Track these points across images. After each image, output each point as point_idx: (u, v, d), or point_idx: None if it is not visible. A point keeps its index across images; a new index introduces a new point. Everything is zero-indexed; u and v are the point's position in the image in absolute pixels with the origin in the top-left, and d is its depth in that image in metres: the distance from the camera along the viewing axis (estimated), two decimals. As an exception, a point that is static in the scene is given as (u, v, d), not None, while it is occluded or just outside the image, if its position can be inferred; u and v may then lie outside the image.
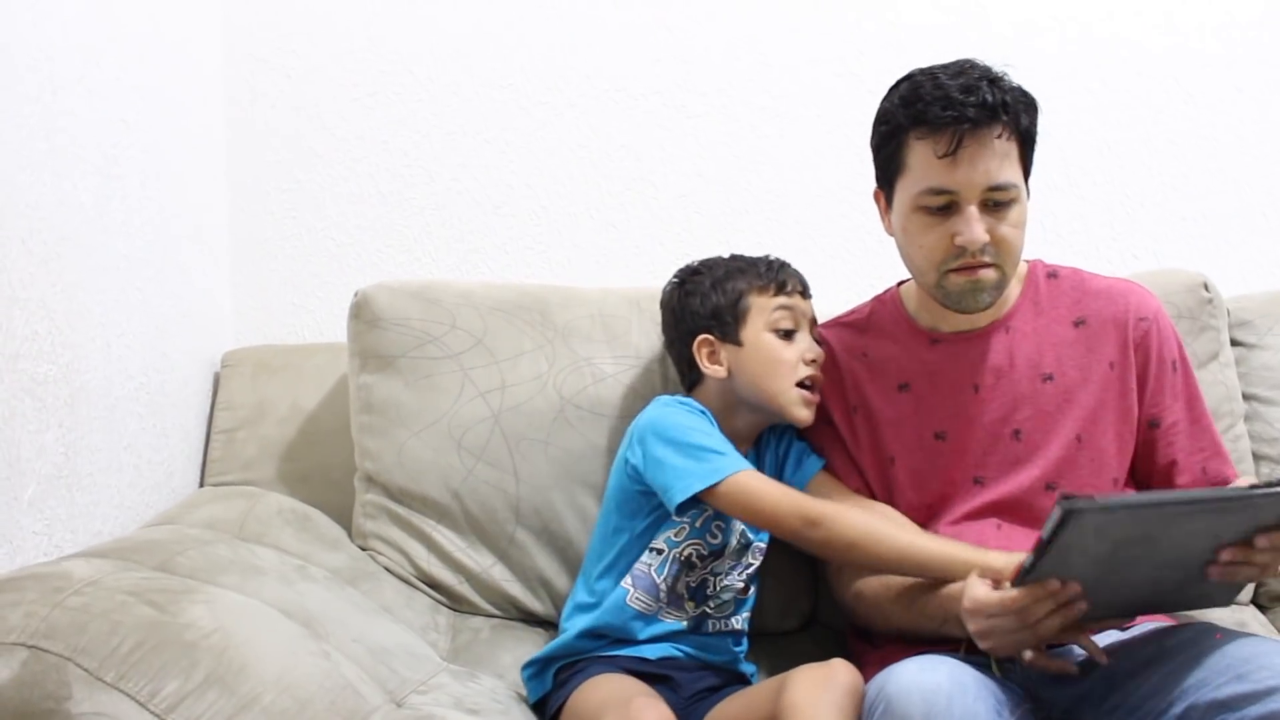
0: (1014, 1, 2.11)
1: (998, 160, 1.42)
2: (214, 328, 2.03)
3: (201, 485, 1.91)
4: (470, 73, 2.08)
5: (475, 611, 1.76)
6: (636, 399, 1.76)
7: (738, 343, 1.59)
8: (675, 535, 1.57)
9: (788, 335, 1.59)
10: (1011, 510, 1.52)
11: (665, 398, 1.61)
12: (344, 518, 1.82)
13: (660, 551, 1.57)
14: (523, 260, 2.10)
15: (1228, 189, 2.13)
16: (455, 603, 1.76)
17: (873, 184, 1.56)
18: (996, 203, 1.43)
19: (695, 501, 1.50)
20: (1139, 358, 1.53)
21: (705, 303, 1.61)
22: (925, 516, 1.55)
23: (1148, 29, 2.12)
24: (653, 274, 1.77)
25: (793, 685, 1.32)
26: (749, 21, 2.10)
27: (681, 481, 1.48)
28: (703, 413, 1.58)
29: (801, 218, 2.12)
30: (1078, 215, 2.09)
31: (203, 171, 2.01)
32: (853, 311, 1.69)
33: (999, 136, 1.41)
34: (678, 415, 1.55)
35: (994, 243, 1.44)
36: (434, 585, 1.76)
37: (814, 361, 1.58)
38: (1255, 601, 1.81)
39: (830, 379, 1.62)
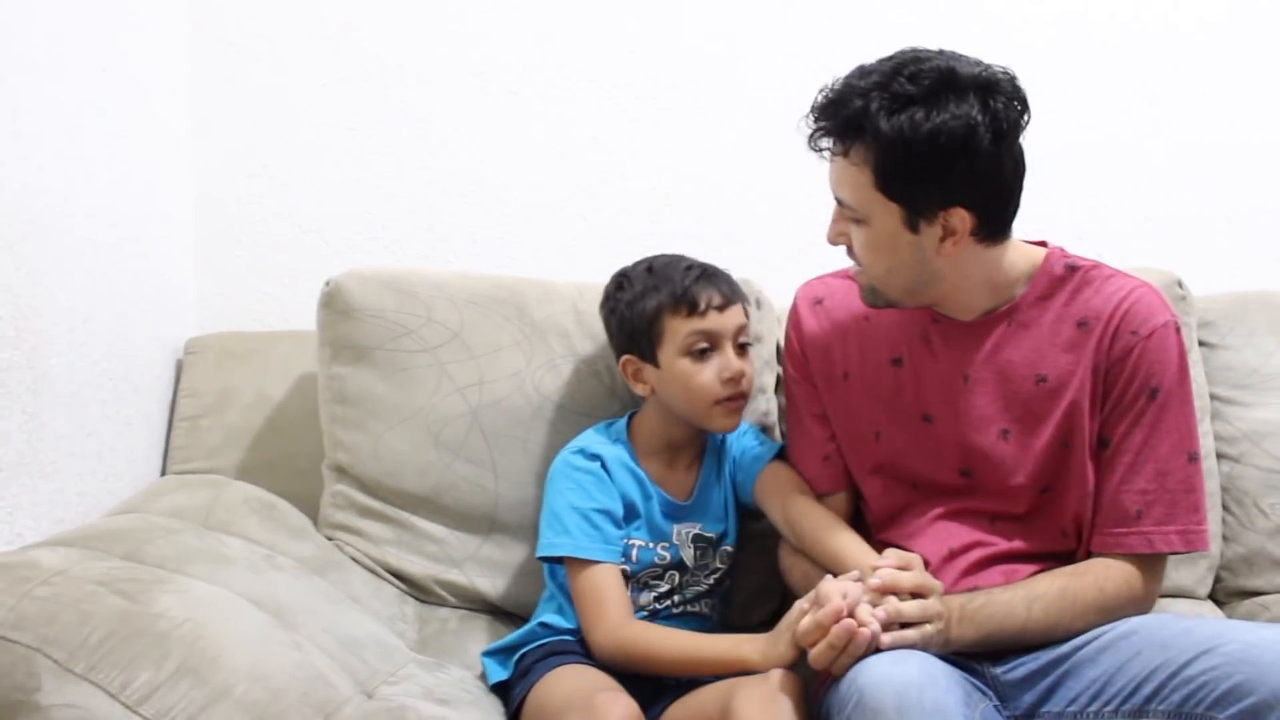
0: None
1: (835, 175, 1.41)
2: (177, 314, 2.01)
3: (164, 473, 1.89)
4: (440, 60, 2.07)
5: (441, 603, 1.75)
6: (613, 399, 1.77)
7: (656, 364, 1.61)
8: (623, 558, 1.59)
9: (703, 354, 1.58)
10: (1004, 512, 1.49)
11: (568, 450, 1.63)
12: (309, 507, 1.80)
13: (624, 575, 1.58)
14: (491, 250, 2.09)
15: (1192, 189, 2.15)
16: (422, 594, 1.75)
17: None
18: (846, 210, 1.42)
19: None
20: (1114, 371, 1.42)
21: (624, 325, 1.63)
22: (910, 498, 1.53)
23: (1114, 30, 2.14)
24: (621, 264, 1.75)
25: (740, 707, 1.30)
26: (721, 15, 2.10)
27: (540, 540, 1.59)
28: (589, 473, 1.59)
29: (771, 211, 2.12)
30: (1046, 214, 2.11)
31: (167, 156, 1.98)
32: None
33: (842, 155, 1.38)
34: (560, 479, 1.60)
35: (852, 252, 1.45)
36: (401, 577, 1.75)
37: (733, 379, 1.57)
38: (1212, 596, 1.84)
39: (821, 342, 1.59)
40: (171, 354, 1.96)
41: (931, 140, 1.31)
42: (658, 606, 1.61)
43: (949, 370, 1.50)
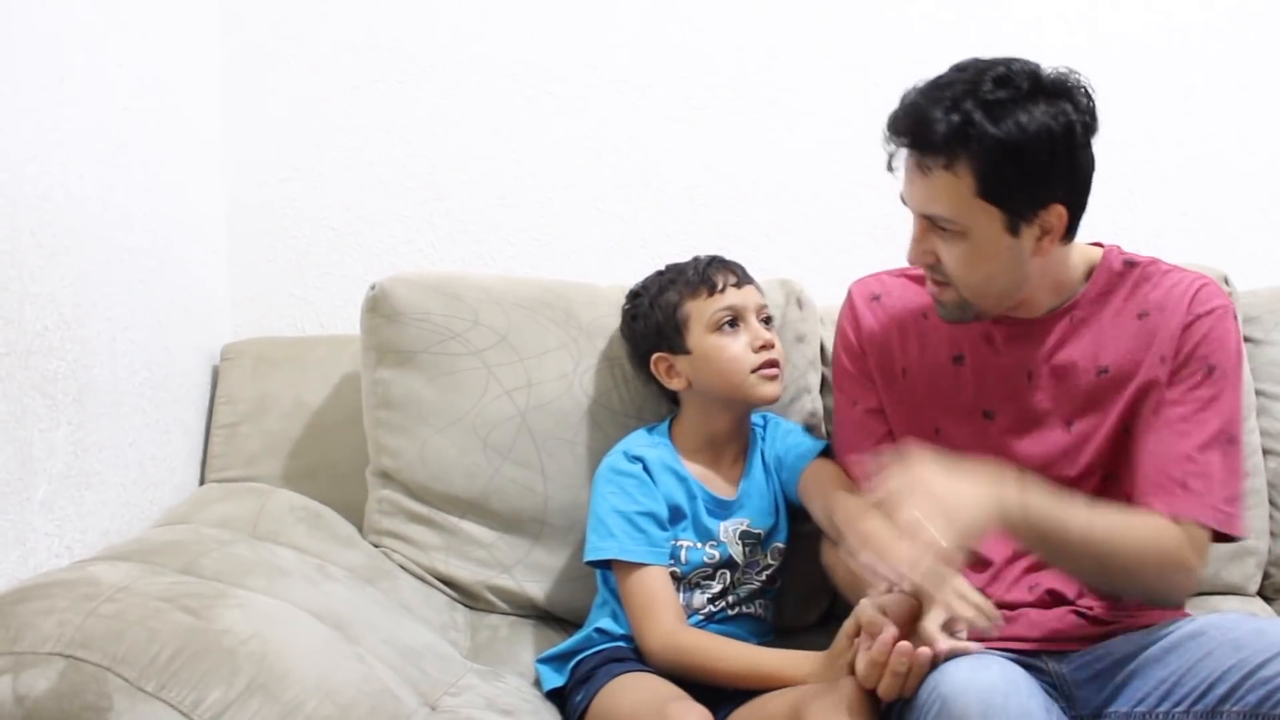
0: (1019, -2, 2.11)
1: (926, 192, 1.38)
2: (212, 320, 1.99)
3: (202, 481, 1.87)
4: (473, 62, 2.05)
5: (492, 609, 1.74)
6: (661, 401, 1.75)
7: (687, 351, 1.62)
8: (672, 560, 1.59)
9: (731, 327, 1.60)
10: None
11: (612, 454, 1.64)
12: (352, 514, 1.78)
13: (675, 578, 1.58)
14: (527, 252, 2.08)
15: (1229, 184, 2.14)
16: (472, 601, 1.74)
17: (879, 175, 1.52)
18: (938, 226, 1.40)
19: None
20: (1176, 348, 1.44)
21: (648, 323, 1.65)
22: None
23: (1150, 25, 2.13)
24: (659, 267, 1.74)
25: (812, 717, 1.28)
26: (756, 13, 2.08)
27: (587, 545, 1.58)
28: (631, 476, 1.58)
29: (808, 211, 2.11)
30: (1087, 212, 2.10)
31: (200, 161, 1.96)
32: None
33: (942, 168, 1.36)
34: (603, 483, 1.60)
35: (940, 263, 1.42)
36: (450, 584, 1.73)
37: (765, 346, 1.60)
38: (1260, 593, 1.83)
39: (881, 337, 1.60)
40: (208, 360, 1.94)
41: (1038, 140, 1.33)
42: (712, 609, 1.60)
43: (1013, 367, 1.50)
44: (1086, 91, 1.38)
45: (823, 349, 1.86)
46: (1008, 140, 1.32)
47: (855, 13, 2.09)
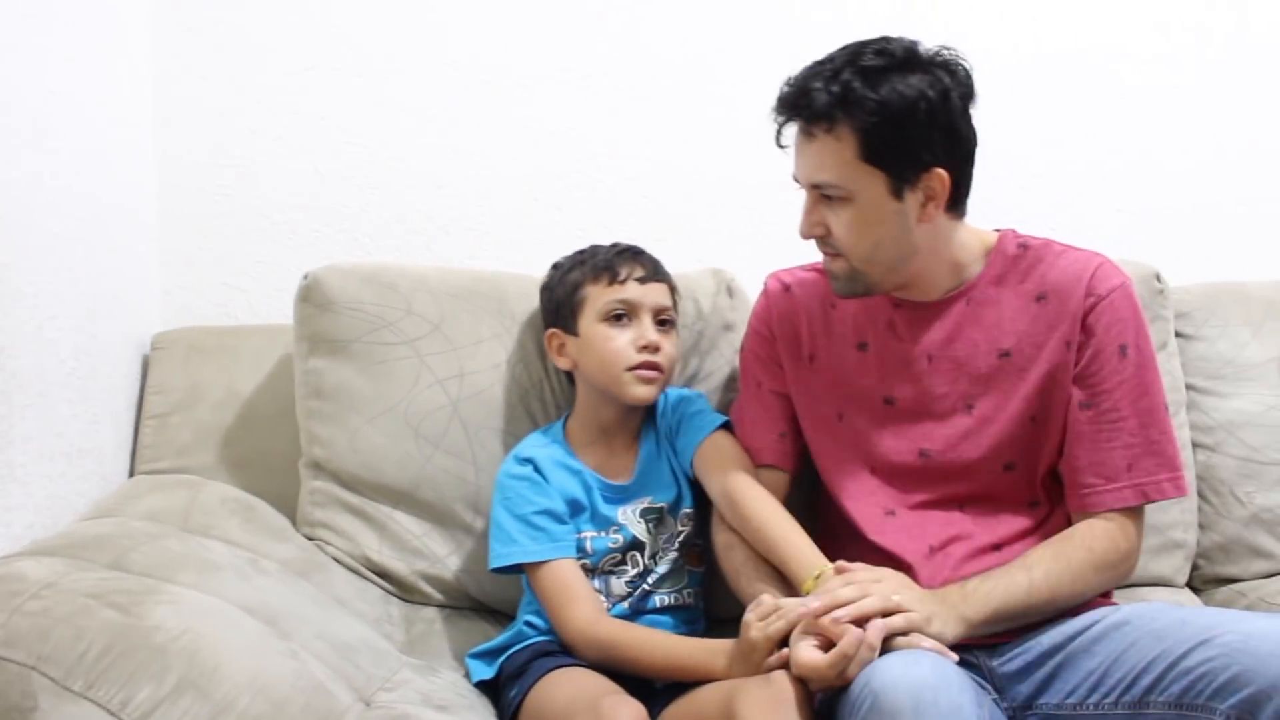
0: (958, -3, 2.12)
1: (813, 160, 1.44)
2: (143, 308, 1.95)
3: (132, 473, 1.83)
4: (412, 49, 2.02)
5: (427, 601, 1.73)
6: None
7: (576, 334, 1.63)
8: (579, 552, 1.59)
9: (618, 320, 1.61)
10: (971, 495, 1.52)
11: (505, 460, 1.65)
12: (285, 506, 1.76)
13: (586, 569, 1.59)
14: (465, 242, 2.06)
15: (1163, 184, 2.17)
16: (406, 593, 1.72)
17: None
18: (825, 195, 1.45)
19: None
20: (1083, 334, 1.48)
21: (552, 297, 1.67)
22: (873, 489, 1.55)
23: (1086, 25, 2.15)
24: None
25: (743, 710, 1.27)
26: (698, 5, 2.07)
27: (491, 552, 1.59)
28: (523, 478, 1.60)
29: (746, 203, 2.11)
30: (1016, 205, 2.12)
31: (131, 146, 1.92)
32: None
33: (825, 132, 1.42)
34: (498, 491, 1.62)
35: (830, 234, 1.47)
36: (385, 575, 1.72)
37: (648, 347, 1.60)
38: (1189, 584, 1.87)
39: (790, 323, 1.63)
40: (138, 350, 1.90)
41: (915, 104, 1.39)
42: (630, 591, 1.60)
43: (912, 352, 1.54)
44: (964, 68, 1.45)
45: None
46: (885, 102, 1.38)
47: (797, 6, 2.09)
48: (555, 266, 1.71)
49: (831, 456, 1.59)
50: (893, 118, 1.38)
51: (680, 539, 1.64)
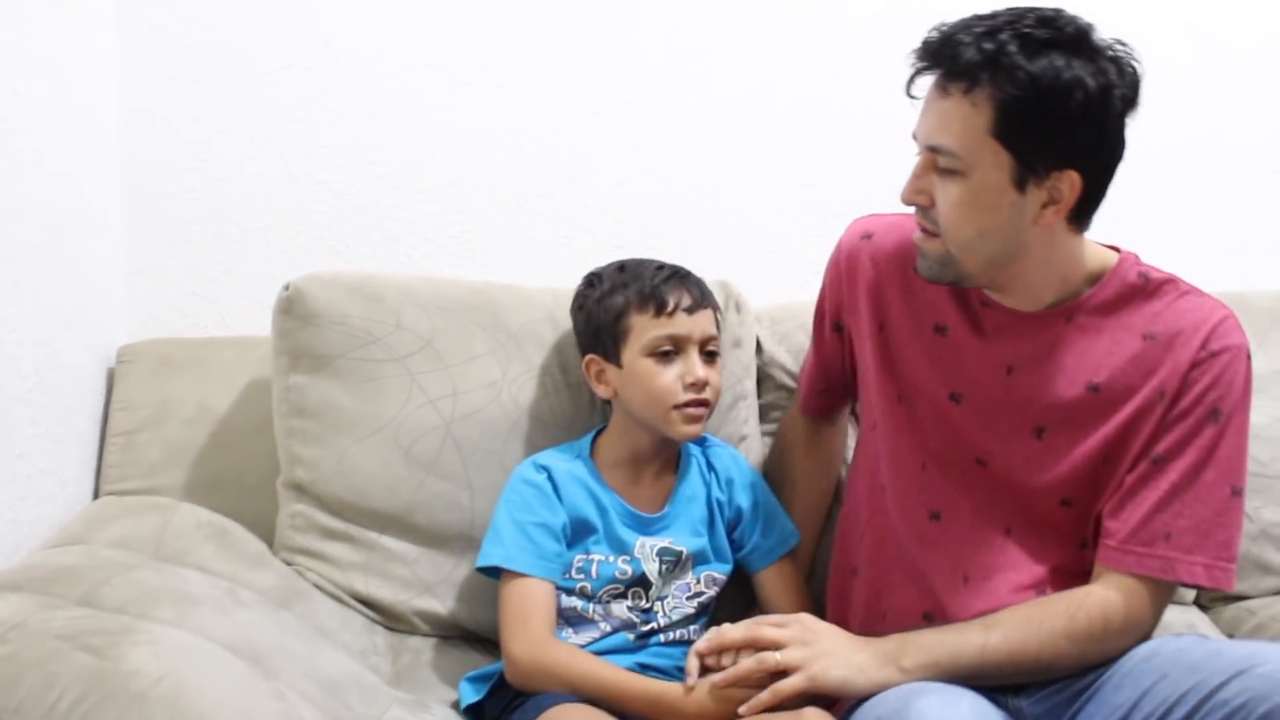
0: None
1: (938, 119, 1.29)
2: (108, 319, 1.86)
3: (97, 494, 1.74)
4: (391, 48, 1.93)
5: (413, 631, 1.65)
6: (594, 413, 1.68)
7: (619, 364, 1.55)
8: (581, 574, 1.53)
9: (667, 356, 1.53)
10: (1021, 517, 1.42)
11: (523, 463, 1.59)
12: (262, 527, 1.67)
13: (585, 594, 1.53)
14: (446, 250, 1.98)
15: (1155, 191, 2.13)
16: (392, 621, 1.64)
17: (815, 173, 1.46)
18: (939, 163, 1.30)
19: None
20: (1180, 388, 1.34)
21: (591, 321, 1.58)
22: (921, 482, 1.46)
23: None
24: (584, 266, 1.66)
25: None
26: (686, 9, 2.00)
27: (481, 549, 1.54)
28: (533, 485, 1.54)
29: (740, 210, 2.05)
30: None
31: (96, 149, 1.82)
32: None
33: (962, 93, 1.26)
34: (508, 490, 1.56)
35: (933, 206, 1.33)
36: (370, 604, 1.64)
37: (695, 385, 1.52)
38: (1197, 602, 1.83)
39: (860, 285, 1.52)
40: (103, 363, 1.81)
41: (1070, 90, 1.23)
42: (637, 621, 1.54)
43: (994, 355, 1.42)
44: (1135, 69, 1.28)
45: (760, 350, 1.81)
46: (1039, 78, 1.22)
47: (788, 11, 2.03)
48: (591, 284, 1.60)
49: (885, 442, 1.50)
50: (1041, 97, 1.22)
51: (701, 600, 1.58)
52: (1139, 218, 2.12)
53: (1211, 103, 2.15)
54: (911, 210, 1.37)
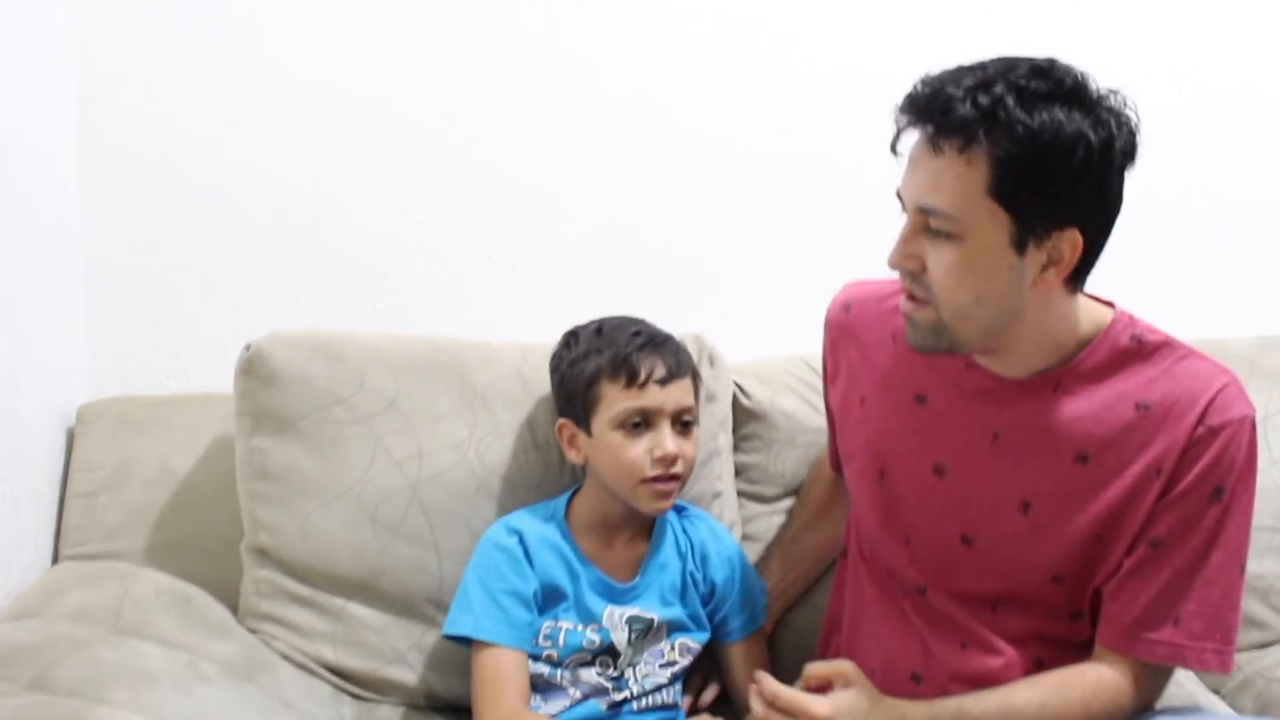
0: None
1: (930, 179, 1.21)
2: (66, 377, 1.81)
3: (56, 558, 1.69)
4: (356, 96, 1.90)
5: (382, 700, 1.60)
6: (564, 472, 1.64)
7: (589, 432, 1.50)
8: (549, 641, 1.50)
9: (636, 429, 1.47)
10: (1009, 592, 1.37)
11: (494, 525, 1.54)
12: (226, 591, 1.63)
13: (552, 660, 1.49)
14: (413, 303, 1.94)
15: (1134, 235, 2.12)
16: (362, 689, 1.59)
17: (791, 226, 1.41)
18: (931, 225, 1.22)
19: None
20: (1179, 466, 1.27)
21: (564, 385, 1.53)
22: (901, 560, 1.43)
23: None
24: (556, 321, 1.62)
25: None
26: (658, 53, 1.98)
27: (449, 614, 1.50)
28: (505, 550, 1.50)
29: (714, 263, 2.02)
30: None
31: (53, 199, 1.78)
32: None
33: (956, 151, 1.18)
34: (478, 554, 1.52)
35: (925, 272, 1.25)
36: (338, 672, 1.59)
37: (664, 459, 1.46)
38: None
39: (843, 357, 1.49)
40: (61, 422, 1.76)
41: (1072, 146, 1.16)
42: (608, 688, 1.50)
43: (979, 421, 1.35)
44: (1133, 120, 1.21)
45: (735, 405, 1.78)
46: (1039, 133, 1.15)
47: (759, 59, 2.00)
48: (568, 344, 1.54)
49: (869, 515, 1.46)
50: (1041, 154, 1.15)
51: (674, 670, 1.54)
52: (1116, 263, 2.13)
53: (1189, 148, 2.14)
54: (896, 275, 1.30)
